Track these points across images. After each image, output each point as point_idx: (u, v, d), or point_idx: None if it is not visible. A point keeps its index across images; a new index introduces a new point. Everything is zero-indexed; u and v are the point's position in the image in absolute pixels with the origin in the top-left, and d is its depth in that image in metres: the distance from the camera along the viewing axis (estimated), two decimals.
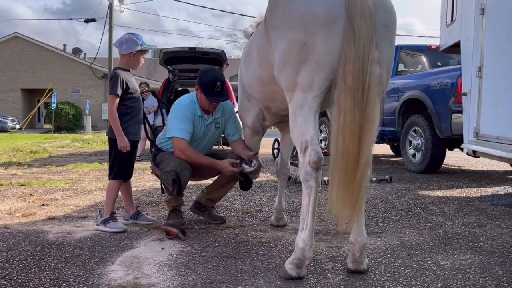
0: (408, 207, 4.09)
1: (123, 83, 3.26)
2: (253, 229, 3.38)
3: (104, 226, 3.26)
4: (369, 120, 2.09)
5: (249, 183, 3.38)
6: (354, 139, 2.08)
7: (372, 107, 2.09)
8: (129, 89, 3.31)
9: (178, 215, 3.42)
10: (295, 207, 4.12)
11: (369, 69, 2.08)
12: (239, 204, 4.28)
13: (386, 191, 4.84)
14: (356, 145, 2.09)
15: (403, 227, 3.45)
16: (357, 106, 2.07)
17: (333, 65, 2.14)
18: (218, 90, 3.14)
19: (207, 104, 3.19)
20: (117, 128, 3.24)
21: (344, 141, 2.10)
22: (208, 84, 3.13)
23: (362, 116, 2.08)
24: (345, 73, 2.09)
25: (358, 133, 2.08)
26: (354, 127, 2.08)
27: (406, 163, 6.62)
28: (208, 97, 3.13)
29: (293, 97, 2.28)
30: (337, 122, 2.11)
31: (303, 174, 2.25)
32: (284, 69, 2.29)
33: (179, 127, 3.15)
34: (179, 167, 3.09)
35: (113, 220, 3.29)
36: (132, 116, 3.33)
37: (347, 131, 2.09)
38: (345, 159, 2.10)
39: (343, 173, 2.11)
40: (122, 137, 3.25)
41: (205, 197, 3.59)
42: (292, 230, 3.33)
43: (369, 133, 2.10)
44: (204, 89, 3.14)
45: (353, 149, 2.09)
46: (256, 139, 3.28)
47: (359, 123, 2.08)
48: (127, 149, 3.25)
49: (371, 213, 3.87)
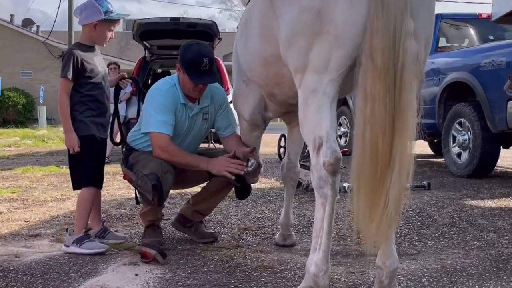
0: (452, 221, 4.08)
1: (76, 64, 3.25)
2: (253, 250, 3.37)
3: (78, 247, 3.26)
4: (404, 108, 2.08)
5: (247, 190, 3.37)
6: (385, 134, 2.08)
7: (408, 92, 2.09)
8: (86, 72, 3.29)
9: (156, 232, 3.42)
10: (307, 222, 4.11)
11: (402, 44, 2.07)
12: (235, 218, 4.28)
13: (424, 201, 4.83)
14: (388, 142, 2.08)
15: (445, 246, 3.44)
16: (389, 91, 2.07)
17: (356, 39, 2.13)
18: (205, 69, 3.13)
19: (191, 87, 3.18)
20: (65, 121, 3.25)
21: (372, 136, 2.09)
22: (192, 60, 3.12)
23: (396, 104, 2.08)
24: (372, 49, 2.08)
25: (390, 126, 2.08)
26: (386, 118, 2.07)
27: (449, 165, 6.61)
28: (191, 78, 3.13)
29: (304, 80, 2.27)
30: (363, 112, 2.11)
31: (316, 179, 2.25)
32: (292, 44, 2.29)
33: (157, 119, 3.14)
34: (160, 169, 3.09)
35: (89, 239, 3.29)
36: (92, 107, 3.33)
37: (376, 124, 2.08)
38: (374, 160, 2.10)
39: (370, 178, 2.11)
40: (69, 134, 3.26)
41: (191, 209, 3.58)
42: (302, 251, 3.33)
43: (406, 126, 2.09)
44: (187, 67, 3.13)
45: (384, 147, 2.08)
46: (255, 135, 3.28)
47: (392, 113, 2.08)
48: (74, 150, 3.26)
49: (404, 229, 3.86)
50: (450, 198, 4.99)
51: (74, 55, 3.27)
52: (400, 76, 2.08)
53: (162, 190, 3.06)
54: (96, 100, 3.35)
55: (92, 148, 3.31)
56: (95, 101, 3.35)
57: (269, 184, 6.07)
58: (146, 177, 3.08)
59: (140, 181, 3.13)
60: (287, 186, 3.51)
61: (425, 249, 3.39)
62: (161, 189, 3.06)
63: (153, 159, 3.15)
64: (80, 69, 3.27)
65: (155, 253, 3.07)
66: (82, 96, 3.31)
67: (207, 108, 3.35)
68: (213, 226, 4.01)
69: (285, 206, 3.50)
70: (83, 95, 3.31)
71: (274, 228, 3.93)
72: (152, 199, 3.11)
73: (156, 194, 3.08)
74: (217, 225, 4.04)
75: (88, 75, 3.31)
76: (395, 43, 2.07)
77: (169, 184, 3.14)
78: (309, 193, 5.26)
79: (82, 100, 3.31)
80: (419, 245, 3.47)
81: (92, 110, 3.33)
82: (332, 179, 2.22)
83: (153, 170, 3.08)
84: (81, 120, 3.28)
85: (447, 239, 3.62)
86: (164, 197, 3.12)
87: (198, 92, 3.23)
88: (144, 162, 3.17)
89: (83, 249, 3.24)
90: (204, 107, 3.33)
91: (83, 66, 3.29)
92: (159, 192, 3.07)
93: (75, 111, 3.28)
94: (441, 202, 4.79)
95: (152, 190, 3.06)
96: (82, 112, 3.31)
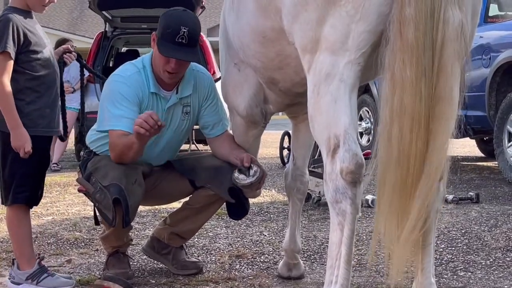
0: (508, 244, 4.09)
1: (17, 34, 3.21)
2: (249, 283, 3.38)
3: (34, 286, 3.23)
4: (443, 99, 2.10)
5: (244, 206, 3.37)
6: (418, 131, 2.09)
7: (448, 77, 2.10)
8: (30, 44, 3.26)
9: (122, 261, 3.43)
10: (318, 247, 4.12)
11: (442, 13, 2.08)
12: (225, 242, 4.28)
13: (471, 218, 4.85)
14: (422, 141, 2.10)
15: (499, 277, 3.45)
16: (424, 76, 2.08)
17: (382, 8, 2.15)
18: (181, 42, 3.11)
19: (161, 63, 3.17)
20: (11, 114, 3.18)
21: (401, 135, 2.11)
22: (166, 28, 3.12)
23: (432, 93, 2.09)
24: (403, 21, 2.09)
25: (425, 122, 2.09)
26: (419, 111, 2.09)
27: (504, 171, 6.62)
28: (160, 47, 3.11)
29: (315, 63, 2.29)
30: (390, 104, 2.13)
31: (331, 191, 2.26)
32: (300, 15, 2.30)
33: (113, 113, 3.15)
34: (124, 179, 3.09)
35: (48, 272, 3.27)
36: (42, 93, 3.29)
37: (406, 119, 2.10)
38: (404, 165, 2.11)
39: (399, 189, 2.12)
40: (18, 130, 3.20)
41: (169, 230, 3.59)
42: (313, 285, 3.34)
43: (444, 122, 2.11)
44: (159, 36, 3.13)
45: (417, 148, 2.10)
46: (253, 135, 3.30)
47: (427, 104, 2.09)
48: (26, 151, 3.21)
49: (446, 255, 3.87)
50: (505, 214, 5.00)
51: (13, 22, 3.17)
52: (438, 56, 2.10)
53: (127, 206, 3.06)
54: (45, 84, 3.31)
55: (36, 153, 3.27)
56: (44, 86, 3.30)
57: (269, 197, 6.07)
58: (106, 190, 3.07)
59: (99, 195, 3.12)
60: (292, 200, 3.51)
61: (474, 280, 3.40)
62: (126, 205, 3.05)
63: (116, 167, 3.14)
64: (23, 42, 3.22)
65: None
66: (29, 80, 3.23)
67: (189, 98, 3.35)
68: (196, 253, 4.01)
69: (290, 226, 3.50)
70: (30, 78, 3.25)
71: (276, 255, 3.93)
72: (113, 219, 3.09)
73: (118, 212, 3.07)
74: (202, 252, 4.03)
75: (33, 49, 3.24)
76: (433, 13, 2.08)
77: (137, 198, 3.14)
78: (321, 208, 5.27)
79: (28, 85, 3.25)
80: (466, 276, 3.48)
81: (43, 98, 3.29)
82: (352, 191, 2.23)
83: (115, 180, 3.07)
84: (28, 114, 3.24)
85: (501, 267, 3.63)
86: (130, 216, 3.10)
87: (170, 74, 3.18)
88: (105, 170, 3.16)
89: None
90: (185, 97, 3.33)
91: (26, 37, 3.21)
92: (123, 209, 3.06)
93: (20, 100, 3.22)
94: (494, 219, 4.80)
95: (113, 206, 3.05)
96: (31, 102, 3.24)
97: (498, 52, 6.70)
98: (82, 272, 3.63)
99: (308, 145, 3.47)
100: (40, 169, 3.37)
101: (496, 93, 6.75)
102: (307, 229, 4.56)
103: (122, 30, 9.74)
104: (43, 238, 4.40)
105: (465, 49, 2.22)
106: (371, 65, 2.26)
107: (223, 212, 4.17)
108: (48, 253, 4.01)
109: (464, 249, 4.01)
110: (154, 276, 3.53)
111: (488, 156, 8.91)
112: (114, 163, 3.17)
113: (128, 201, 3.05)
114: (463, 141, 9.35)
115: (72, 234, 4.52)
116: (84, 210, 5.38)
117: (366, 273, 3.51)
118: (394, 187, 2.14)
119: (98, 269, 3.61)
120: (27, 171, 3.27)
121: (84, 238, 4.40)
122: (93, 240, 4.32)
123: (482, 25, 6.86)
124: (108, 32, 9.60)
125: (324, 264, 2.41)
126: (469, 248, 4.03)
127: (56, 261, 3.86)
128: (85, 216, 5.14)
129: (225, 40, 3.15)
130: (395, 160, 2.13)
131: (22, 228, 3.33)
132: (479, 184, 6.58)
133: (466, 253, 3.92)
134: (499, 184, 6.54)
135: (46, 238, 4.41)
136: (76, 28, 30.77)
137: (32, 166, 3.28)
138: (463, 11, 2.15)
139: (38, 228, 4.66)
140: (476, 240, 4.21)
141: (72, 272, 3.59)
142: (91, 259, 3.89)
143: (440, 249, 3.97)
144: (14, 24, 3.17)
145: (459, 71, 2.17)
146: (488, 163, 8.52)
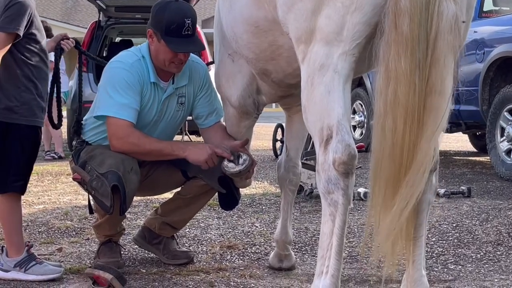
0: (498, 238, 4.11)
1: (29, 19, 3.18)
2: (239, 274, 3.39)
3: (22, 273, 3.24)
4: (436, 91, 2.10)
5: (235, 197, 3.38)
6: (412, 123, 2.10)
7: (442, 70, 2.11)
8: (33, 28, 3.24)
9: (114, 251, 3.43)
10: (310, 238, 4.13)
11: (437, 5, 2.09)
12: (217, 233, 4.29)
13: (462, 212, 4.86)
14: (415, 134, 2.10)
15: (489, 271, 3.47)
16: (418, 68, 2.08)
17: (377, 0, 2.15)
18: (188, 34, 3.12)
19: (168, 58, 3.16)
20: None
21: (395, 126, 2.11)
22: (171, 22, 3.11)
23: (425, 86, 2.09)
24: (398, 13, 2.10)
25: (418, 114, 2.09)
26: (413, 103, 2.09)
27: (496, 165, 6.64)
28: (170, 45, 3.11)
29: (309, 54, 2.29)
30: (384, 95, 2.13)
31: (323, 182, 2.26)
32: (294, 5, 2.30)
33: (117, 100, 3.14)
34: (122, 167, 3.08)
35: (36, 260, 3.28)
36: (38, 81, 3.28)
37: (400, 110, 2.10)
38: (396, 157, 2.11)
39: (393, 180, 2.12)
40: None
41: (160, 220, 3.59)
42: (304, 276, 3.34)
43: (435, 112, 2.11)
44: (165, 31, 3.11)
45: (410, 139, 2.10)
46: (245, 125, 3.30)
47: (421, 96, 2.09)
48: None
49: (437, 248, 3.89)
50: (496, 208, 5.01)
51: (31, 8, 3.16)
52: (432, 48, 2.10)
53: (125, 193, 3.06)
54: (43, 73, 3.29)
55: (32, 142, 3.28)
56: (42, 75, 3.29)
57: (261, 188, 6.07)
58: (104, 177, 3.06)
59: (96, 183, 3.11)
60: (285, 191, 3.52)
61: (464, 273, 3.41)
62: (124, 192, 3.05)
63: (112, 155, 3.14)
64: (28, 27, 3.17)
65: (111, 278, 3.07)
66: (30, 67, 3.22)
67: (184, 88, 3.34)
68: (187, 243, 4.02)
69: (282, 217, 3.52)
70: (32, 66, 3.22)
71: (268, 246, 3.94)
72: (110, 207, 3.08)
73: (117, 199, 3.07)
74: (193, 242, 4.04)
75: (36, 37, 3.23)
76: (428, 5, 2.08)
77: (133, 186, 3.13)
78: (313, 201, 5.27)
79: (27, 73, 3.21)
80: (456, 269, 3.49)
81: (38, 88, 3.26)
82: (344, 182, 2.23)
83: (112, 167, 3.07)
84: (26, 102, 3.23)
85: (492, 261, 3.65)
86: (127, 203, 3.12)
87: (177, 65, 3.21)
88: (101, 158, 3.15)
89: (30, 275, 3.22)
90: (180, 87, 3.32)
91: (32, 23, 3.20)
92: (120, 196, 3.06)
93: (18, 88, 3.21)
94: (485, 213, 4.81)
95: (111, 193, 3.05)
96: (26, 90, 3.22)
97: (492, 47, 6.70)
98: (72, 260, 3.63)
99: (302, 137, 3.47)
100: (34, 158, 3.38)
101: (490, 88, 6.77)
102: (298, 221, 4.57)
103: (116, 19, 9.69)
104: (34, 227, 4.40)
105: (459, 41, 2.22)
106: (365, 57, 2.26)
107: (215, 203, 4.17)
108: (39, 242, 4.01)
109: (455, 242, 4.03)
110: (145, 266, 3.54)
111: (481, 151, 8.94)
112: (110, 151, 3.16)
113: (126, 188, 3.06)
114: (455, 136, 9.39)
115: (63, 223, 4.51)
116: (76, 199, 5.37)
117: (357, 265, 3.52)
118: (388, 179, 2.15)
119: (88, 258, 3.61)
120: (23, 160, 3.30)
121: (75, 227, 4.40)
122: (84, 229, 4.32)
123: (476, 20, 6.87)
124: (102, 21, 9.56)
125: (315, 256, 2.42)
126: (460, 241, 4.05)
127: (47, 249, 3.86)
128: (77, 205, 5.14)
129: (220, 31, 3.15)
130: (389, 152, 2.13)
131: (13, 216, 3.33)
132: (471, 179, 6.59)
133: (457, 247, 3.93)
134: (491, 178, 6.56)
135: (37, 226, 4.41)
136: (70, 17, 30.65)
137: (28, 155, 3.32)
138: (458, 4, 2.16)
139: (29, 216, 4.65)
140: (467, 233, 4.22)
141: (62, 261, 3.59)
142: (82, 248, 3.89)
143: (431, 242, 3.98)
144: (31, 10, 3.18)
145: (453, 63, 2.17)
146: (480, 158, 8.55)
